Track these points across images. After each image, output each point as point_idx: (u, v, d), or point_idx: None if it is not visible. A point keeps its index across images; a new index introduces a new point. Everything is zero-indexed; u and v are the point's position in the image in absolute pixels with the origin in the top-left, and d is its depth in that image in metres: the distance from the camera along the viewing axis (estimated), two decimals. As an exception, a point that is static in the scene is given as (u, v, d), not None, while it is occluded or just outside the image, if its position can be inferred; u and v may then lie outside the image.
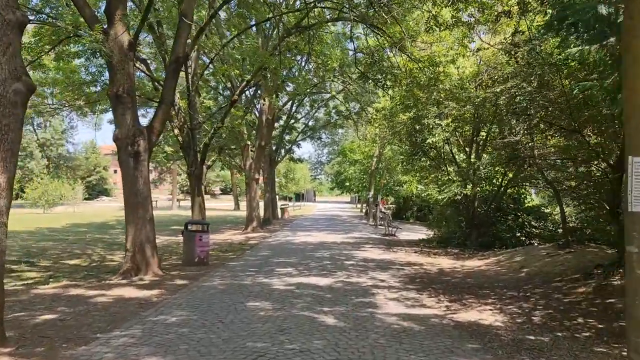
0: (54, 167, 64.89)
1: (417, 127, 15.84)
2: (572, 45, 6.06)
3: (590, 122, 8.72)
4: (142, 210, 11.32)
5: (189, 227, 13.13)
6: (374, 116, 18.16)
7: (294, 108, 34.80)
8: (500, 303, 8.28)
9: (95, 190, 78.68)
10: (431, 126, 15.39)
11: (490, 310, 7.82)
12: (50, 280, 11.44)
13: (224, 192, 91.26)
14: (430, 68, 12.86)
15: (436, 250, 16.83)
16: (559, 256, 11.03)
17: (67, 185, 48.23)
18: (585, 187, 11.48)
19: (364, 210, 45.59)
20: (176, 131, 16.65)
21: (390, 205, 41.18)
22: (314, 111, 36.38)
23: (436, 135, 15.14)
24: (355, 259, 14.22)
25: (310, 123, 38.14)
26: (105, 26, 10.85)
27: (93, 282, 10.80)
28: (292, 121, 35.77)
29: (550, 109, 9.74)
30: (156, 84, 16.12)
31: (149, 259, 11.23)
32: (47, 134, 63.74)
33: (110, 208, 49.62)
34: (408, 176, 18.55)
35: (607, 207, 9.62)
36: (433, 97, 14.46)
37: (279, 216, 37.62)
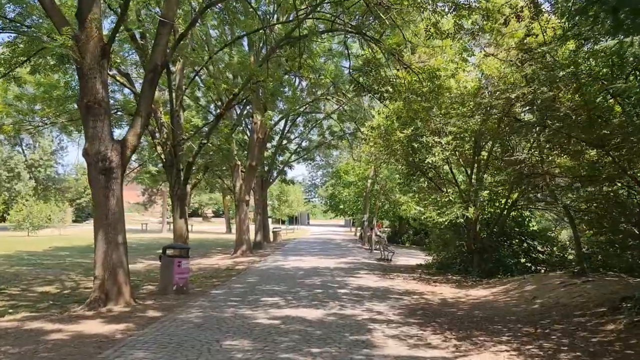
0: (42, 188, 63.44)
1: (415, 146, 14.87)
2: (607, 38, 5.13)
3: (617, 134, 7.75)
4: (114, 232, 10.19)
5: (167, 252, 11.98)
6: (369, 134, 17.15)
7: (287, 128, 33.90)
8: (517, 342, 7.15)
9: (85, 213, 77.03)
10: (430, 144, 14.42)
11: (507, 351, 6.70)
12: (10, 311, 10.25)
13: (217, 214, 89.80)
14: (430, 81, 11.90)
15: (436, 277, 15.69)
16: (575, 286, 9.94)
17: (54, 207, 46.88)
18: (602, 209, 10.47)
19: (358, 234, 44.41)
20: (159, 148, 15.62)
21: (386, 229, 40.06)
22: (307, 131, 35.45)
23: (436, 154, 14.15)
24: (349, 286, 13.08)
25: (303, 144, 37.20)
26: (76, 30, 9.88)
27: (55, 313, 9.62)
28: (285, 141, 34.82)
29: (569, 119, 8.72)
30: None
31: (120, 287, 10.06)
32: (35, 155, 62.34)
33: (98, 230, 48.10)
34: (406, 197, 17.57)
35: (630, 230, 8.57)
36: (433, 110, 13.45)
37: (271, 240, 36.39)
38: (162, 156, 15.44)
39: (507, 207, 15.97)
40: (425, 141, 14.56)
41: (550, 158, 10.87)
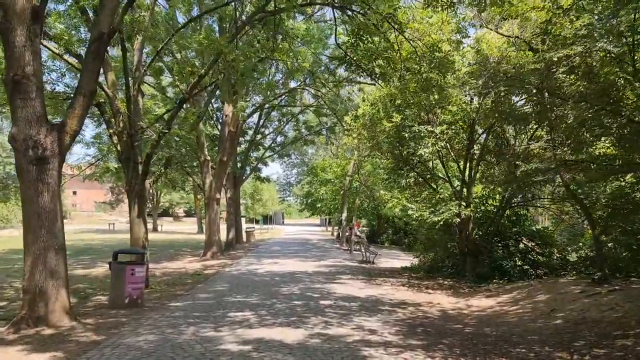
0: (1, 187, 60.06)
1: (406, 135, 13.27)
2: None
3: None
4: (48, 236, 8.32)
5: (119, 258, 10.11)
6: (352, 124, 15.50)
7: (261, 122, 32.07)
8: (554, 374, 5.61)
9: (50, 212, 73.59)
10: (422, 134, 12.84)
11: (547, 390, 5.13)
12: None
13: (189, 214, 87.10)
14: (431, 54, 10.25)
15: (426, 282, 14.14)
16: (600, 295, 8.47)
17: (14, 207, 44.11)
18: (627, 205, 9.04)
19: (335, 234, 42.81)
20: (114, 139, 13.68)
21: (363, 228, 38.56)
22: (282, 126, 33.63)
23: (429, 145, 12.60)
24: (333, 296, 11.40)
25: (278, 139, 35.34)
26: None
27: (-29, 336, 7.71)
28: (259, 137, 32.96)
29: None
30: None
31: (54, 303, 8.18)
32: (-6, 151, 58.90)
33: (65, 231, 45.44)
34: (390, 194, 16.05)
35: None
36: (433, 91, 11.71)
37: (244, 240, 34.50)
38: (118, 147, 13.52)
39: (502, 205, 14.55)
40: (416, 130, 12.98)
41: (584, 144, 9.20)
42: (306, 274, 15.92)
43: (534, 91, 9.47)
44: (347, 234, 29.99)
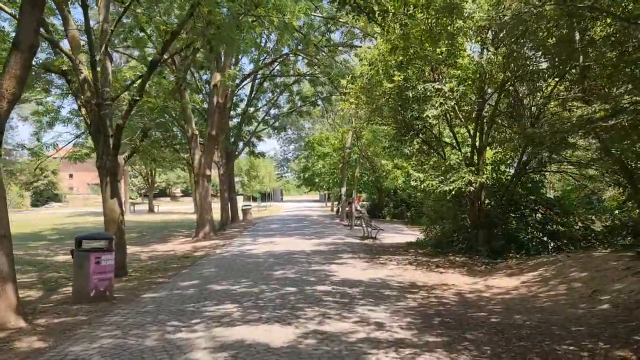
0: (-8, 171, 58.44)
1: (410, 95, 11.72)
2: None
3: None
4: (-14, 222, 6.91)
5: (83, 245, 8.69)
6: (349, 87, 13.93)
7: (253, 94, 30.38)
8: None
9: (44, 196, 72.36)
10: (428, 93, 11.30)
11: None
12: None
13: (186, 194, 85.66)
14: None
15: (436, 259, 12.78)
16: (650, 272, 7.09)
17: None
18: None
19: (335, 209, 41.48)
20: (83, 110, 12.15)
21: (364, 203, 37.17)
22: (275, 97, 31.88)
23: (436, 105, 11.07)
24: (331, 279, 10.02)
25: (272, 112, 33.67)
26: None
27: None
28: (252, 109, 31.31)
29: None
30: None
31: (-3, 302, 6.82)
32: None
33: (56, 216, 44.12)
34: (393, 163, 14.70)
35: None
36: (443, 37, 10.11)
37: (240, 219, 33.17)
38: (87, 120, 12.01)
39: (518, 170, 13.09)
40: (421, 90, 11.42)
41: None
42: (303, 253, 14.56)
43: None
44: (347, 209, 28.65)
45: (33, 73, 14.04)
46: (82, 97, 11.91)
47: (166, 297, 8.70)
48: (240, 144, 31.27)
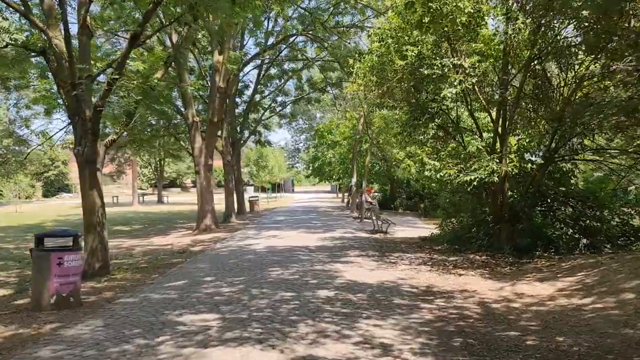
0: (1, 162, 57.95)
1: (425, 72, 10.33)
2: None
3: None
4: None
5: (46, 243, 7.49)
6: (358, 67, 12.56)
7: (260, 80, 29.07)
8: None
9: (55, 187, 71.98)
10: (446, 69, 9.91)
11: None
12: None
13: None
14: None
15: (453, 258, 11.45)
16: None
17: (5, 182, 42.01)
18: None
19: (345, 200, 40.15)
20: (61, 92, 10.96)
21: (376, 194, 35.76)
22: (283, 83, 30.48)
23: (455, 83, 9.67)
24: (334, 283, 8.75)
25: (280, 99, 32.29)
26: None
27: None
28: (258, 97, 30.01)
29: None
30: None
31: None
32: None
33: (65, 206, 43.39)
34: (404, 153, 13.43)
35: None
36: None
37: (247, 210, 32.01)
38: (66, 102, 10.81)
39: (546, 158, 11.65)
40: (439, 65, 10.02)
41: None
42: (307, 250, 13.32)
43: None
44: (357, 200, 27.35)
45: (12, 53, 12.88)
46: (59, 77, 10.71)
47: (141, 303, 7.50)
48: (246, 133, 30.03)
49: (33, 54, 11.91)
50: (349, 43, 22.22)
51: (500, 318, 6.27)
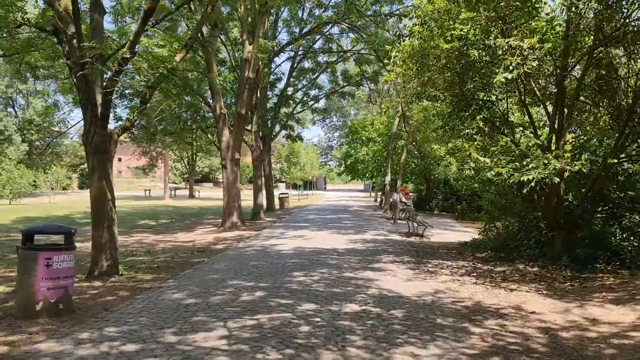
0: (38, 153, 58.82)
1: (476, 54, 9.01)
2: None
3: None
4: None
5: (36, 241, 6.56)
6: (397, 54, 11.28)
7: (293, 72, 28.04)
8: None
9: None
10: (501, 51, 8.57)
11: None
12: None
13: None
14: None
15: (501, 268, 10.09)
16: None
17: (38, 174, 42.27)
18: None
19: (378, 200, 38.75)
20: (73, 75, 10.09)
21: (411, 194, 34.28)
22: (317, 75, 29.27)
23: (511, 67, 8.33)
24: (364, 294, 7.55)
25: (312, 93, 31.14)
26: None
27: None
28: (290, 90, 28.98)
29: None
30: None
31: None
32: (27, 116, 57.32)
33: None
34: (447, 147, 12.12)
35: None
36: None
37: (277, 207, 31.10)
38: (76, 86, 9.94)
39: (612, 156, 10.13)
40: (492, 45, 8.69)
41: None
42: (336, 253, 12.16)
43: None
44: (391, 200, 26.02)
45: (28, 33, 12.14)
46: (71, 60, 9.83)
47: (141, 312, 6.49)
48: (277, 127, 29.05)
49: (44, 34, 11.18)
50: (388, 32, 20.90)
51: (574, 354, 4.96)
